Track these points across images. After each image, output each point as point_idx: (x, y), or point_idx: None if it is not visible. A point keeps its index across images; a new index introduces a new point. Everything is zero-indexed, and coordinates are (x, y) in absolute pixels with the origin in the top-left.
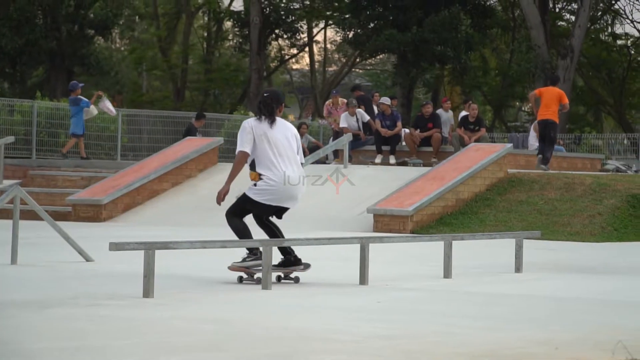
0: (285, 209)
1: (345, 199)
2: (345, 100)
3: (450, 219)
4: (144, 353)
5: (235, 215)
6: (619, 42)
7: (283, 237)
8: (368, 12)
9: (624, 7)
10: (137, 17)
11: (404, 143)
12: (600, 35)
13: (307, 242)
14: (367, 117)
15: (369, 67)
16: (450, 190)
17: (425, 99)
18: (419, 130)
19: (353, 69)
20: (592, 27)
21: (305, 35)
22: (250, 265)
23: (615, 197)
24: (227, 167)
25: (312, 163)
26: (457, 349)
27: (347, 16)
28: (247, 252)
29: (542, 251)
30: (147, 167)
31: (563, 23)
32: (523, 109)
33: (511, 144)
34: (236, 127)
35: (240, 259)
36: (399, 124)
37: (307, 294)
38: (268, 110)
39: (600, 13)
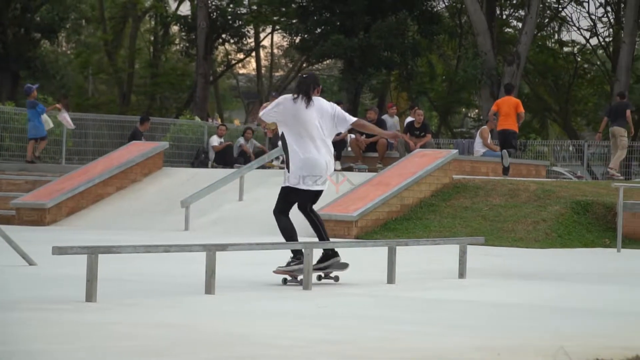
0: (318, 192)
1: None
2: None
3: (394, 225)
4: (85, 358)
5: (281, 213)
6: (566, 49)
7: (324, 233)
8: (315, 18)
9: (571, 14)
10: (83, 21)
11: (349, 148)
12: (547, 42)
13: (250, 247)
14: None
15: (315, 72)
16: (395, 195)
17: (372, 105)
18: (364, 135)
19: (300, 74)
20: (539, 34)
21: (252, 40)
22: (294, 269)
23: (560, 203)
24: (172, 172)
25: (257, 168)
26: (399, 355)
27: (294, 21)
28: (292, 255)
29: (486, 257)
30: (92, 171)
31: (510, 30)
32: (469, 115)
33: (456, 150)
34: (182, 131)
35: (285, 264)
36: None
37: (251, 299)
38: (305, 90)
39: (547, 20)
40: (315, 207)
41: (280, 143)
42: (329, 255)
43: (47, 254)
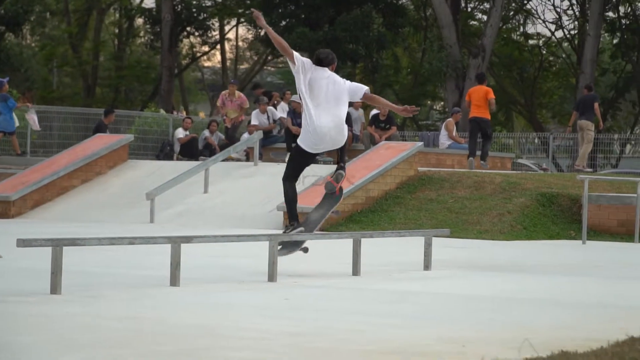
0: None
1: (255, 196)
2: (242, 95)
3: (360, 217)
4: (49, 350)
5: (286, 178)
6: (531, 42)
7: (343, 160)
8: (280, 10)
9: (536, 7)
10: (48, 14)
11: None
12: (512, 35)
13: (214, 239)
14: (278, 115)
15: (280, 65)
16: (360, 188)
17: None
18: None
19: (265, 67)
20: (504, 27)
21: (217, 32)
22: (294, 234)
23: (525, 195)
24: (138, 164)
25: (223, 160)
26: (365, 347)
27: None
28: (285, 226)
29: (451, 249)
30: (57, 163)
31: (475, 22)
32: (434, 107)
33: (422, 143)
34: (147, 124)
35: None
36: None
37: (216, 291)
38: (325, 60)
39: (512, 13)
40: (281, 199)
41: (245, 135)
42: (341, 167)
43: (11, 246)
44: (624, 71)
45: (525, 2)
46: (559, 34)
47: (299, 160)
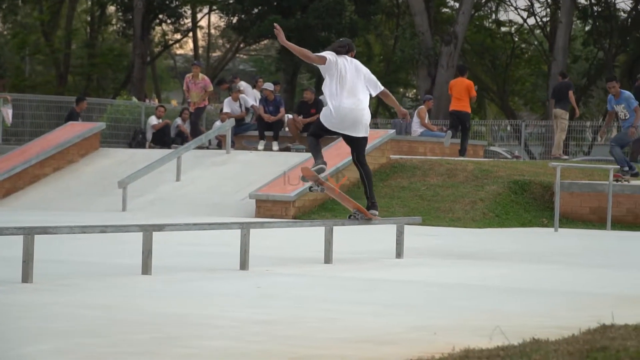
0: (350, 138)
1: (227, 184)
2: (206, 77)
3: (332, 205)
4: (22, 338)
5: (311, 134)
6: (503, 29)
7: (368, 183)
8: None
9: None
10: (20, 1)
11: (287, 129)
12: (485, 22)
13: (186, 227)
14: (250, 103)
15: (253, 53)
16: (333, 175)
17: (309, 85)
18: (302, 116)
19: (237, 55)
20: (476, 14)
21: (189, 20)
22: (315, 168)
23: (497, 183)
24: (110, 152)
25: (195, 148)
26: (337, 335)
27: (230, 1)
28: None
29: (424, 237)
30: (29, 151)
31: (447, 10)
32: (407, 95)
33: (394, 130)
34: (119, 112)
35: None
36: (282, 109)
37: (187, 279)
38: (344, 49)
39: (484, 0)
40: (253, 187)
41: (217, 123)
42: (368, 206)
43: None
44: (595, 58)
45: None
46: (531, 21)
47: (319, 129)
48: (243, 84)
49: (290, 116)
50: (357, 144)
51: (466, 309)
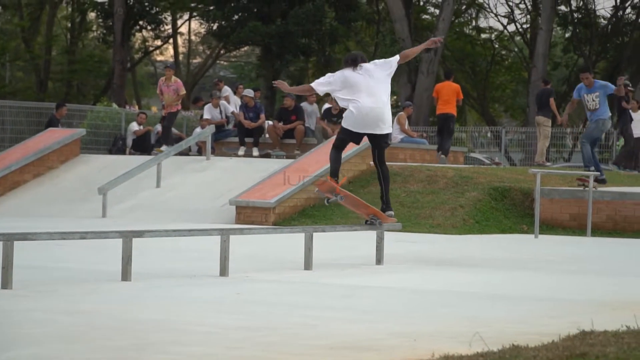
0: (376, 141)
1: (207, 190)
2: (178, 80)
3: (312, 211)
4: (1, 344)
5: (334, 146)
6: (483, 35)
7: (385, 185)
8: (232, 4)
9: (488, 1)
10: (0, 7)
11: (267, 135)
12: (465, 29)
13: (166, 233)
14: (230, 109)
15: (233, 59)
16: (313, 182)
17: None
18: (282, 122)
19: (217, 61)
20: (457, 21)
21: (170, 26)
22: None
23: (477, 189)
24: (90, 159)
25: (175, 154)
26: (317, 341)
27: (211, 8)
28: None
29: (404, 243)
30: (9, 158)
31: (427, 16)
32: None
33: None
34: (99, 118)
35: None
36: (262, 116)
37: (167, 286)
38: (354, 62)
39: (464, 7)
40: (233, 193)
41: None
42: (382, 209)
43: None
44: (576, 65)
45: None
46: (511, 27)
47: (343, 137)
48: (227, 90)
49: (271, 122)
50: (380, 141)
51: (446, 315)
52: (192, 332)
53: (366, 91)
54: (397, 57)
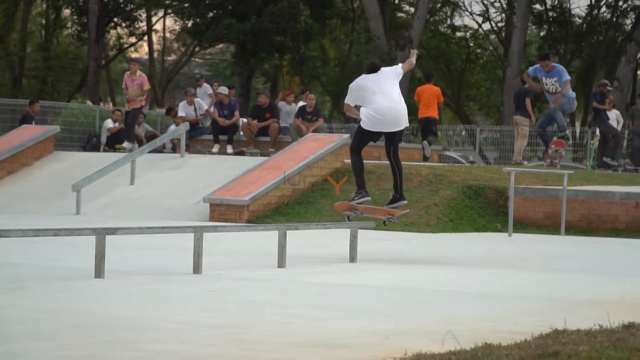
0: (391, 137)
1: (182, 188)
2: (143, 75)
3: (286, 209)
4: None
5: (353, 151)
6: (458, 34)
7: (399, 177)
8: (207, 2)
9: None
10: None
11: (241, 133)
12: (440, 27)
13: (140, 230)
14: (204, 107)
15: (208, 57)
16: (288, 180)
17: (264, 89)
18: (256, 120)
19: (192, 59)
20: (432, 19)
21: (144, 24)
22: (359, 202)
23: (451, 188)
24: (64, 156)
25: (149, 152)
26: (289, 339)
27: (186, 5)
28: (356, 190)
29: (377, 241)
30: None
31: (402, 14)
32: None
33: (348, 135)
34: (73, 115)
35: (350, 199)
36: (237, 113)
37: (141, 283)
38: (369, 69)
39: (439, 5)
40: (208, 190)
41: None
42: (396, 198)
43: None
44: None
45: None
46: (486, 26)
47: (361, 137)
48: (208, 87)
49: (245, 120)
50: (396, 138)
51: (419, 313)
52: (165, 330)
53: (380, 92)
54: (399, 66)
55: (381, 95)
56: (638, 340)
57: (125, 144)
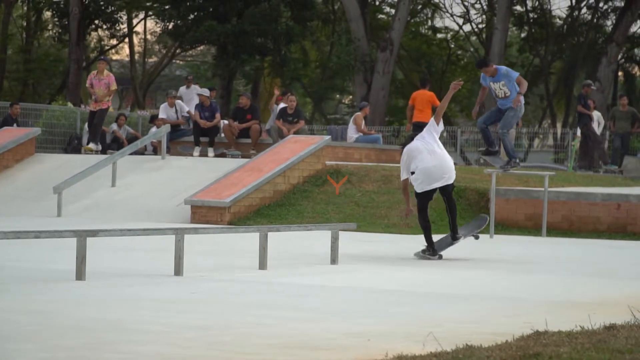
0: (443, 188)
1: (163, 190)
2: (111, 74)
3: (267, 211)
4: None
5: (419, 210)
6: (439, 35)
7: (454, 213)
8: (188, 4)
9: (444, 0)
10: None
11: (222, 134)
12: (420, 29)
13: (121, 233)
14: (186, 109)
15: (189, 59)
16: (268, 181)
17: (245, 90)
18: (237, 121)
19: (173, 60)
20: (412, 21)
21: (125, 26)
22: (427, 257)
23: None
24: (45, 158)
25: (130, 154)
26: (269, 340)
27: (166, 7)
28: (425, 246)
29: (359, 243)
30: None
31: (383, 16)
32: (343, 101)
33: (329, 137)
34: (54, 117)
35: (419, 251)
36: (218, 115)
37: (122, 285)
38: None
39: (420, 6)
40: (189, 192)
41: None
42: (452, 237)
43: None
44: (531, 65)
45: None
46: (467, 27)
47: (421, 199)
48: (198, 89)
49: (226, 122)
50: (448, 189)
51: (400, 314)
52: (145, 332)
53: (425, 150)
54: (432, 120)
55: (426, 153)
56: (619, 342)
57: (92, 145)
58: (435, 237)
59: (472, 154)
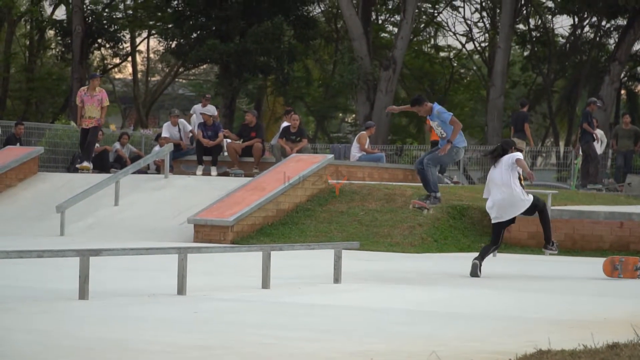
0: (510, 219)
1: (166, 209)
2: (103, 91)
3: (270, 230)
4: None
5: (492, 242)
6: (442, 54)
7: (548, 229)
8: (191, 22)
9: (447, 19)
10: None
11: (225, 153)
12: (423, 47)
13: (124, 252)
14: (189, 127)
15: (192, 77)
16: (271, 200)
17: (249, 109)
18: (241, 140)
19: (176, 79)
20: (415, 39)
21: (128, 44)
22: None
23: (435, 208)
24: (48, 177)
25: (133, 173)
26: None
27: (170, 26)
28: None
29: (362, 262)
30: None
31: (386, 35)
32: (346, 120)
33: (332, 155)
34: (57, 136)
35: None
36: (221, 134)
37: (125, 304)
38: (494, 156)
39: (423, 25)
40: (192, 211)
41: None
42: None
43: None
44: (534, 83)
45: (436, 14)
46: (470, 46)
47: (494, 229)
48: (213, 109)
49: (229, 140)
50: (514, 220)
51: (403, 334)
52: (148, 352)
53: (499, 181)
54: (512, 158)
55: (497, 185)
56: None
57: (86, 164)
58: (440, 256)
59: (475, 172)
